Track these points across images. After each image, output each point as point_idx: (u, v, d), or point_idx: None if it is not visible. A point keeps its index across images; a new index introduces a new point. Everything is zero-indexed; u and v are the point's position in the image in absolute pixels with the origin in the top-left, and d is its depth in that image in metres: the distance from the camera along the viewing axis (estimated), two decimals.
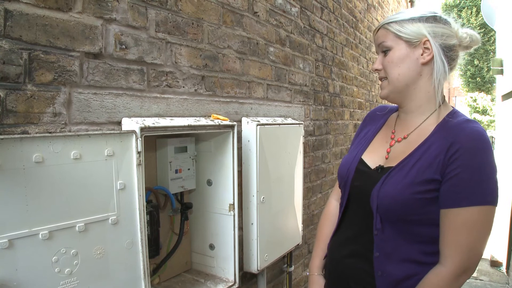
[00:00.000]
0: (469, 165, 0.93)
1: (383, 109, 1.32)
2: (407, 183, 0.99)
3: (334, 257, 1.23)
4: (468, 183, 0.93)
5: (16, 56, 0.99)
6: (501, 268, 4.07)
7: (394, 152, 1.12)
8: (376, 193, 1.04)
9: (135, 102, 1.33)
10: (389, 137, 1.19)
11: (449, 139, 0.98)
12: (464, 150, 0.94)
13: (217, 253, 1.68)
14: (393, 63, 1.10)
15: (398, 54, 1.09)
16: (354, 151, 1.23)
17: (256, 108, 2.01)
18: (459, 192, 0.93)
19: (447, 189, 0.95)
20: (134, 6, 1.31)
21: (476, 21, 16.24)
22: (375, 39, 1.16)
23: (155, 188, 1.51)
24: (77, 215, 1.06)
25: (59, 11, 1.08)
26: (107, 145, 1.12)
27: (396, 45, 1.09)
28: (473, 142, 0.94)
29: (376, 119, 1.30)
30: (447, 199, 0.95)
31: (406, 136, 1.12)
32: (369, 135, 1.25)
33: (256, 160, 1.81)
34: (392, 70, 1.10)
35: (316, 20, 2.68)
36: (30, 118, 1.03)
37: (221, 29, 1.73)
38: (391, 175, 1.04)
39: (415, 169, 1.00)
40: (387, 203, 1.01)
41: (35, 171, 0.97)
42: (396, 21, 1.09)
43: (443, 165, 0.96)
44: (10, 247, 0.93)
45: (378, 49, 1.16)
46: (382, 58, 1.13)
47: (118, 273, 1.16)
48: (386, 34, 1.11)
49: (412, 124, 1.13)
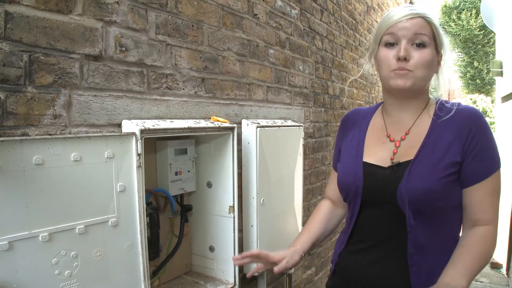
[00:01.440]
0: (484, 141, 1.02)
1: (358, 114, 1.27)
2: (431, 171, 1.01)
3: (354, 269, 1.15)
4: (488, 156, 1.02)
5: (16, 58, 0.99)
6: (501, 270, 4.07)
7: (401, 149, 1.10)
8: (404, 188, 1.02)
9: (135, 104, 1.33)
10: (384, 138, 1.15)
11: (457, 124, 1.03)
12: (476, 129, 1.02)
13: (217, 255, 1.68)
14: (426, 63, 1.03)
15: (431, 56, 1.04)
16: (351, 157, 1.17)
17: (256, 110, 2.01)
18: (484, 166, 1.02)
19: (473, 167, 1.02)
20: (134, 8, 1.31)
21: (475, 23, 16.26)
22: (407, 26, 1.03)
23: (155, 190, 1.51)
24: (77, 217, 1.06)
25: (60, 13, 1.08)
26: (107, 147, 1.12)
27: (431, 46, 1.04)
28: (479, 121, 1.04)
29: (355, 123, 1.24)
30: (475, 175, 1.02)
31: (407, 132, 1.11)
32: (356, 140, 1.19)
33: (256, 162, 1.81)
34: (422, 70, 1.04)
35: (316, 22, 2.68)
36: (30, 120, 1.03)
37: (221, 31, 1.73)
38: (413, 167, 1.03)
39: (434, 156, 1.02)
40: (419, 195, 1.00)
41: (35, 173, 0.97)
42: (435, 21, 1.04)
43: (462, 147, 1.02)
44: (10, 249, 0.93)
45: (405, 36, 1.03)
46: (414, 50, 1.03)
47: (118, 275, 1.16)
48: (427, 27, 1.03)
49: (407, 121, 1.12)
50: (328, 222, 1.32)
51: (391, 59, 1.05)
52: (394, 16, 1.05)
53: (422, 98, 1.12)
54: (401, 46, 1.03)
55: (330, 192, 1.35)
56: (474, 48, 16.82)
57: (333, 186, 1.30)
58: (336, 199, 1.32)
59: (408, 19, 1.03)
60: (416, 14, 1.03)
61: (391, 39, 1.05)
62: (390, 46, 1.06)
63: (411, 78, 1.03)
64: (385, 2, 4.73)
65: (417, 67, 1.03)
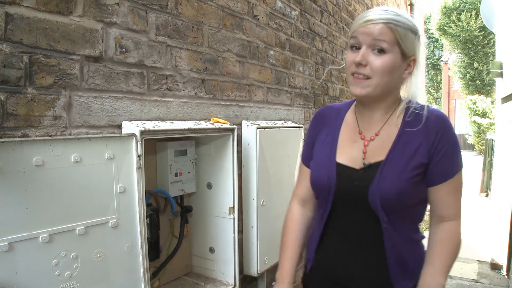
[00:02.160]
0: (449, 144, 1.08)
1: (331, 110, 1.26)
2: (401, 172, 1.05)
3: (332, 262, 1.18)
4: (452, 158, 1.09)
5: (16, 59, 0.99)
6: (502, 271, 4.06)
7: (371, 149, 1.12)
8: (376, 189, 1.05)
9: (135, 105, 1.33)
10: (356, 136, 1.16)
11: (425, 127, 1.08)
12: (442, 133, 1.07)
13: (217, 256, 1.68)
14: (386, 70, 1.03)
15: (394, 62, 1.03)
16: (324, 157, 1.17)
17: (256, 111, 2.01)
18: (449, 167, 1.08)
19: (439, 168, 1.07)
20: (134, 10, 1.31)
21: (475, 24, 16.25)
22: (367, 31, 1.03)
23: (155, 191, 1.51)
24: (77, 218, 1.06)
25: (60, 14, 1.09)
26: (107, 148, 1.13)
27: (393, 52, 1.03)
28: (445, 125, 1.09)
29: (328, 121, 1.24)
30: (441, 175, 1.08)
31: (377, 133, 1.13)
32: (330, 138, 1.19)
33: (256, 163, 1.81)
34: (381, 77, 1.03)
35: (316, 23, 2.68)
36: (30, 121, 1.03)
37: (221, 32, 1.73)
38: (385, 168, 1.07)
39: (403, 158, 1.07)
40: (390, 195, 1.04)
41: (36, 174, 0.97)
42: (401, 26, 1.03)
43: (429, 150, 1.07)
44: (10, 250, 0.93)
45: (365, 42, 1.04)
46: (372, 56, 1.03)
47: (118, 276, 1.16)
48: (387, 33, 1.02)
49: (378, 121, 1.14)
50: (304, 237, 1.29)
51: (350, 63, 1.06)
52: (360, 20, 1.06)
53: (391, 99, 1.13)
54: (360, 51, 1.04)
55: (302, 190, 1.30)
56: (474, 49, 16.80)
57: (305, 184, 1.27)
58: (307, 198, 1.29)
59: (370, 24, 1.03)
60: (379, 19, 1.02)
61: (355, 43, 1.07)
62: (355, 49, 1.07)
63: (367, 86, 1.04)
64: (385, 3, 4.73)
65: (374, 73, 1.03)
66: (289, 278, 1.21)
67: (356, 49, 1.06)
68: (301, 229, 1.28)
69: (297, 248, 1.26)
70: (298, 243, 1.26)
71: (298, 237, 1.27)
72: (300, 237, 1.27)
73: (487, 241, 5.17)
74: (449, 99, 25.46)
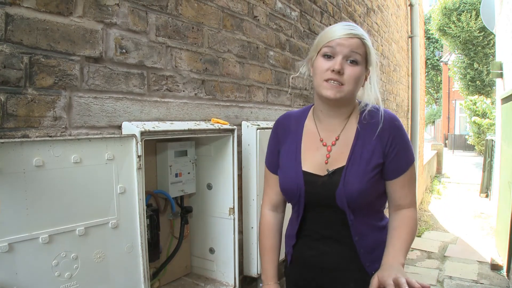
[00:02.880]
0: (401, 142, 1.21)
1: (291, 117, 1.35)
2: (362, 174, 1.18)
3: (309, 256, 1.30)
4: (404, 155, 1.22)
5: (16, 60, 0.99)
6: (502, 271, 4.06)
7: (332, 155, 1.23)
8: (342, 193, 1.18)
9: (135, 106, 1.33)
10: (318, 143, 1.26)
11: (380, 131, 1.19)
12: (393, 134, 1.20)
13: (217, 257, 1.68)
14: (355, 79, 1.15)
15: (361, 73, 1.17)
16: (291, 166, 1.26)
17: (256, 112, 2.01)
18: (402, 163, 1.22)
19: (393, 165, 1.20)
20: (135, 11, 1.32)
21: (475, 24, 16.25)
22: (345, 43, 1.14)
23: (155, 192, 1.51)
24: (77, 219, 1.06)
25: (60, 15, 1.09)
26: (107, 149, 1.13)
27: (362, 63, 1.16)
28: (394, 125, 1.21)
29: (290, 129, 1.32)
30: (396, 171, 1.21)
31: (337, 138, 1.24)
32: (293, 147, 1.28)
33: (256, 163, 1.81)
34: (351, 85, 1.16)
35: (316, 24, 2.69)
36: (30, 122, 1.03)
37: (221, 33, 1.74)
38: (347, 173, 1.19)
39: (363, 161, 1.19)
40: (355, 197, 1.17)
41: (36, 175, 0.97)
42: (368, 42, 1.17)
43: (383, 150, 1.20)
44: (10, 250, 0.93)
45: (341, 52, 1.14)
46: (347, 66, 1.15)
47: (118, 277, 1.16)
48: (361, 47, 1.16)
49: (337, 127, 1.25)
50: (280, 239, 1.40)
51: (325, 70, 1.16)
52: (336, 32, 1.16)
53: (349, 106, 1.25)
54: (337, 60, 1.14)
55: (272, 196, 1.38)
56: (474, 50, 16.80)
57: (273, 190, 1.37)
58: (277, 203, 1.39)
59: (348, 38, 1.15)
60: (355, 34, 1.15)
61: (329, 52, 1.16)
62: (327, 58, 1.16)
63: (341, 92, 1.15)
64: (385, 4, 4.74)
65: (348, 81, 1.15)
66: (274, 278, 1.34)
67: (327, 58, 1.17)
68: (276, 233, 1.39)
69: (276, 250, 1.38)
70: (276, 246, 1.38)
71: (275, 241, 1.38)
72: (277, 241, 1.38)
73: (487, 241, 5.17)
74: (449, 100, 25.47)
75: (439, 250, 4.84)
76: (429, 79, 27.95)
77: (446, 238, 5.39)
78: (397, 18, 5.47)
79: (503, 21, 6.10)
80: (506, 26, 5.75)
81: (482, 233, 5.66)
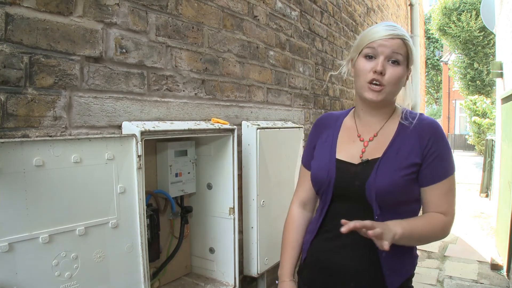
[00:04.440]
0: (440, 149, 1.17)
1: (331, 117, 1.38)
2: (396, 168, 1.15)
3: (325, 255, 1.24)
4: (444, 162, 1.17)
5: (17, 60, 0.99)
6: (502, 271, 4.06)
7: (369, 148, 1.22)
8: (372, 183, 1.14)
9: (135, 106, 1.33)
10: (355, 138, 1.26)
11: (418, 132, 1.18)
12: (434, 139, 1.17)
13: (217, 256, 1.68)
14: (397, 80, 1.16)
15: (402, 74, 1.17)
16: (325, 155, 1.27)
17: (256, 111, 2.01)
18: (439, 170, 1.17)
19: (431, 169, 1.16)
20: (135, 10, 1.31)
21: (475, 24, 16.23)
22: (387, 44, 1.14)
23: (155, 191, 1.51)
24: (77, 218, 1.06)
25: (60, 15, 1.09)
26: (107, 148, 1.13)
27: (403, 64, 1.17)
28: (437, 131, 1.19)
29: (328, 126, 1.34)
30: (432, 177, 1.17)
31: (376, 134, 1.24)
32: (330, 140, 1.30)
33: (256, 163, 1.81)
34: (393, 86, 1.16)
35: (316, 24, 2.68)
36: (30, 122, 1.03)
37: (221, 33, 1.73)
38: (381, 164, 1.16)
39: (399, 157, 1.17)
40: (385, 189, 1.13)
41: (36, 175, 0.97)
42: (410, 42, 1.17)
43: (422, 152, 1.17)
44: (10, 250, 0.93)
45: (384, 53, 1.15)
46: (389, 66, 1.15)
47: (118, 277, 1.16)
48: (403, 47, 1.16)
49: (376, 125, 1.25)
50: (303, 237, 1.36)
51: (368, 71, 1.16)
52: (378, 33, 1.17)
53: (390, 106, 1.25)
54: (378, 61, 1.15)
55: (302, 193, 1.38)
56: (474, 50, 16.78)
57: (305, 187, 1.36)
58: (307, 200, 1.38)
59: (389, 38, 1.15)
60: (396, 35, 1.15)
61: (371, 53, 1.17)
62: (368, 58, 1.17)
63: (383, 93, 1.16)
64: (385, 4, 4.74)
65: (389, 82, 1.15)
66: (290, 276, 1.32)
67: (369, 58, 1.17)
68: (300, 229, 1.36)
69: (297, 247, 1.35)
70: (298, 243, 1.35)
71: (298, 237, 1.36)
72: (299, 237, 1.36)
73: (487, 241, 5.17)
74: (449, 100, 25.46)
75: (439, 250, 4.84)
76: (429, 79, 27.93)
77: (446, 238, 5.37)
78: (397, 18, 5.47)
79: (503, 21, 6.10)
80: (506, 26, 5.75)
81: (482, 233, 5.66)
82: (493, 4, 6.90)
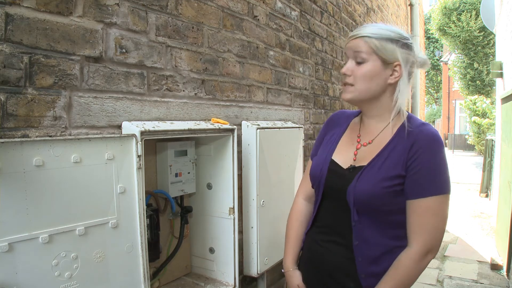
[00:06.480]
0: (427, 163, 1.11)
1: (343, 114, 1.40)
2: (378, 179, 1.14)
3: (314, 246, 1.31)
4: (427, 178, 1.11)
5: (16, 60, 0.99)
6: (502, 271, 4.06)
7: (361, 153, 1.24)
8: (352, 190, 1.16)
9: (135, 105, 1.33)
10: (355, 140, 1.29)
11: (410, 141, 1.14)
12: (422, 150, 1.12)
13: (217, 256, 1.68)
14: (365, 77, 1.17)
15: (372, 69, 1.17)
16: (324, 153, 1.31)
17: (256, 111, 2.01)
18: (421, 185, 1.11)
19: (411, 183, 1.12)
20: (135, 10, 1.31)
21: (475, 24, 16.22)
22: (350, 46, 1.19)
23: (155, 191, 1.51)
24: (77, 218, 1.06)
25: (60, 15, 1.09)
26: (107, 148, 1.13)
27: (372, 60, 1.16)
28: (429, 143, 1.13)
29: (338, 123, 1.38)
30: (412, 191, 1.12)
31: (371, 141, 1.24)
32: (334, 138, 1.33)
33: (256, 163, 1.81)
34: (362, 83, 1.18)
35: (316, 23, 2.68)
36: (30, 122, 1.03)
37: (221, 33, 1.73)
38: (364, 173, 1.17)
39: (384, 167, 1.15)
40: (363, 198, 1.14)
41: (35, 175, 0.97)
42: (376, 37, 1.15)
43: (406, 162, 1.13)
44: (10, 250, 0.93)
45: (350, 55, 1.20)
46: (354, 66, 1.18)
47: (118, 277, 1.16)
48: (363, 45, 1.17)
49: (375, 129, 1.25)
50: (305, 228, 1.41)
51: (342, 74, 1.23)
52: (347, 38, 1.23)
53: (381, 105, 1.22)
54: (346, 64, 1.21)
55: (306, 185, 1.42)
56: (474, 50, 16.77)
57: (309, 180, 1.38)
58: (311, 193, 1.41)
59: (351, 40, 1.19)
60: (355, 35, 1.18)
61: (346, 57, 1.23)
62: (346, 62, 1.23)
63: (351, 92, 1.20)
64: (385, 4, 4.74)
65: (356, 81, 1.18)
66: (293, 265, 1.38)
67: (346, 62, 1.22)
68: (303, 221, 1.41)
69: (299, 237, 1.40)
70: (300, 234, 1.40)
71: (300, 228, 1.40)
72: (302, 229, 1.40)
73: (487, 241, 5.17)
74: (449, 100, 25.45)
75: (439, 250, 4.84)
76: (429, 79, 27.93)
77: (446, 237, 5.38)
78: (397, 18, 5.47)
79: (503, 21, 6.10)
80: (506, 26, 5.75)
81: (482, 233, 5.66)
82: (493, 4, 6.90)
